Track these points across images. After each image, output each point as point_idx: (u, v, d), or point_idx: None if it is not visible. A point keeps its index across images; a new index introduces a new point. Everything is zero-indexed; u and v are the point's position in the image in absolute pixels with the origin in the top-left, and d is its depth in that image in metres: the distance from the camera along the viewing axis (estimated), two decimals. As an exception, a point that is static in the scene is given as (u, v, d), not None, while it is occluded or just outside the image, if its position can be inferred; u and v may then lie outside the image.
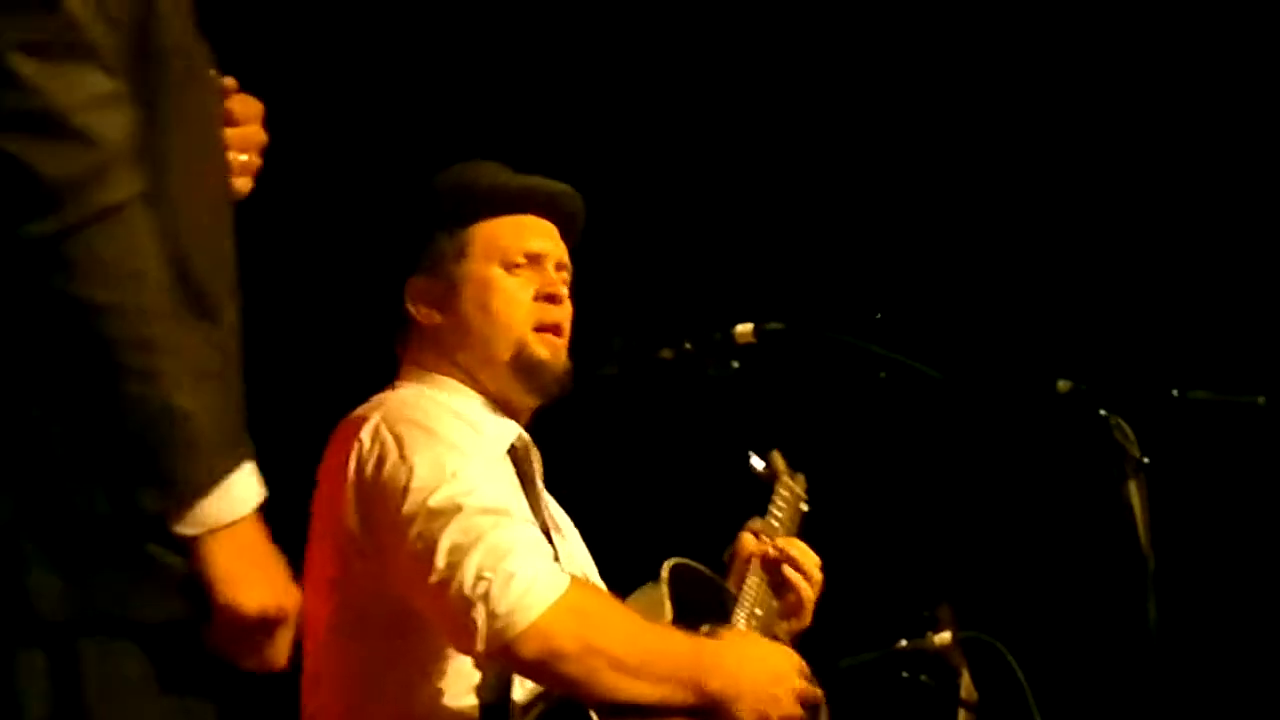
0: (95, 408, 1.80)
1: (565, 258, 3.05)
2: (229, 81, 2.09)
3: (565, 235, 3.07)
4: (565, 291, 3.02)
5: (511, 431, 2.97)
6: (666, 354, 3.07)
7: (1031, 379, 3.02)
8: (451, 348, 2.97)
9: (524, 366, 2.96)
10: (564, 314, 3.01)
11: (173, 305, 1.83)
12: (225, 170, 2.04)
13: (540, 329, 2.98)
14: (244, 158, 2.13)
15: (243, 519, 1.85)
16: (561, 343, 2.99)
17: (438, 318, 2.98)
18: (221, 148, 2.03)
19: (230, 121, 2.09)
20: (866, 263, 4.68)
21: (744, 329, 3.06)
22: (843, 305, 4.21)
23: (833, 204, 4.71)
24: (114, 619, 1.82)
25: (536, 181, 3.07)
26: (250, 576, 1.86)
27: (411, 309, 3.01)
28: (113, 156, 1.81)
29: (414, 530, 2.69)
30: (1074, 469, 4.03)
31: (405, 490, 2.72)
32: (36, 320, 1.80)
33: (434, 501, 2.70)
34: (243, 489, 1.86)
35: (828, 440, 4.04)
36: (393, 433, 2.78)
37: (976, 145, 4.69)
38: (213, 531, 1.83)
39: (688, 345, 3.06)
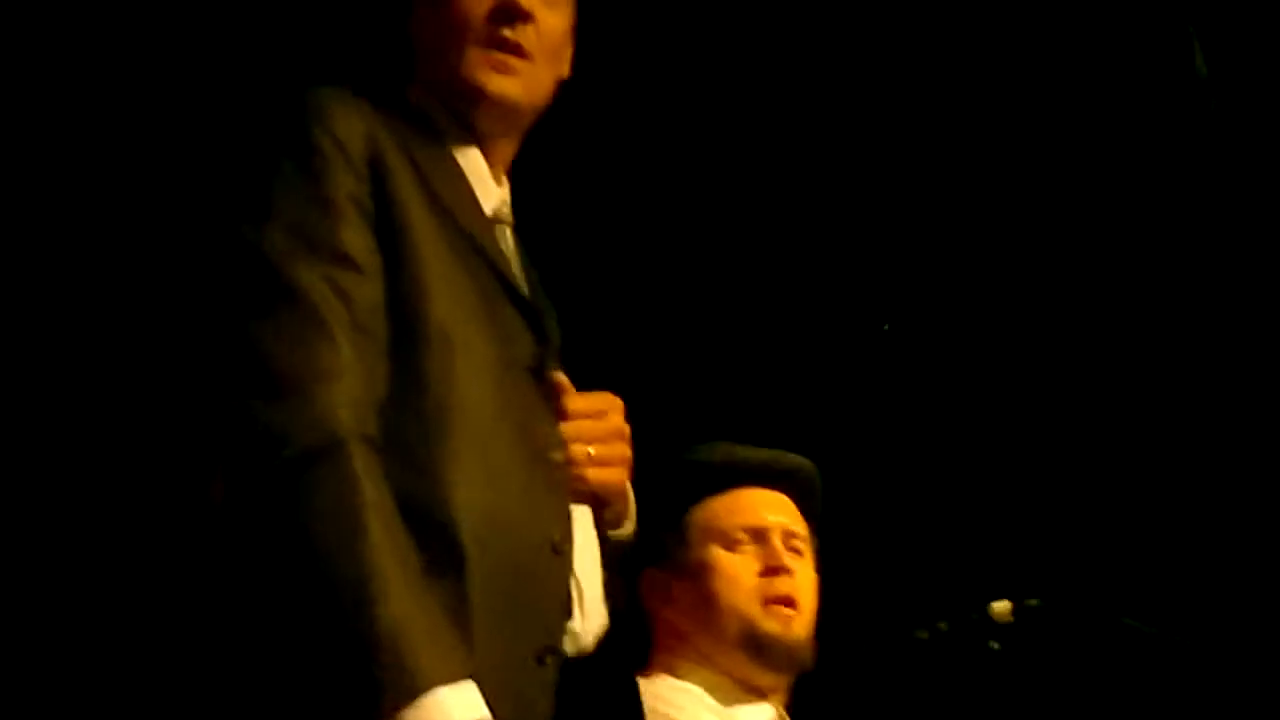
0: (307, 636, 1.87)
1: (796, 525, 2.98)
2: (559, 376, 2.18)
3: (802, 502, 3.00)
4: (798, 561, 2.94)
5: (765, 714, 2.89)
6: (922, 635, 2.98)
7: None
8: (688, 635, 2.93)
9: (755, 644, 2.89)
10: (796, 585, 2.94)
11: (392, 543, 1.88)
12: (520, 443, 2.10)
13: (770, 602, 2.90)
14: (593, 450, 2.18)
15: None
16: (794, 614, 2.91)
17: (670, 609, 2.94)
18: (523, 426, 2.11)
19: (562, 415, 2.16)
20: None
21: (1001, 607, 2.96)
22: (1104, 577, 4.10)
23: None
24: None
25: (748, 454, 3.02)
26: None
27: (647, 603, 2.97)
28: (334, 402, 1.92)
29: None
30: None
31: None
32: (257, 556, 1.89)
33: None
34: (454, 704, 1.86)
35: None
36: None
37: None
38: None
39: (943, 625, 2.97)
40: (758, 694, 2.92)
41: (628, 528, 2.30)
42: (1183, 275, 4.40)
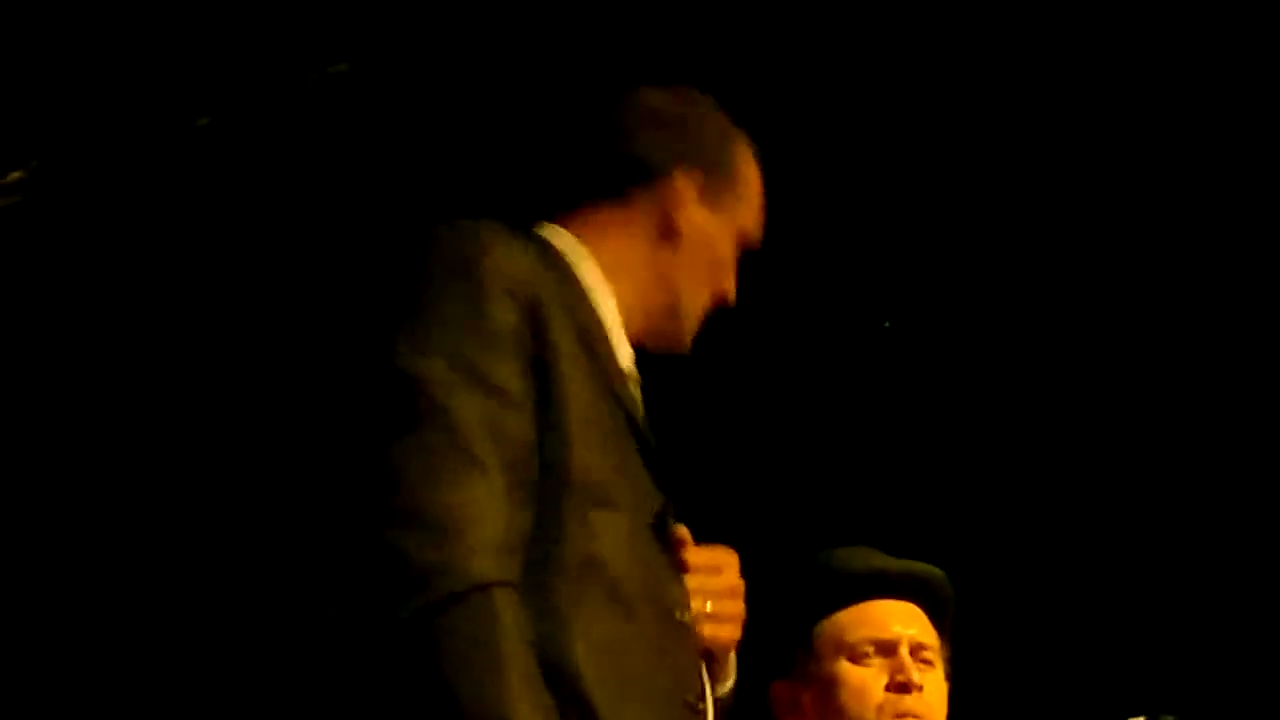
0: None
1: (926, 637, 2.89)
2: (682, 530, 2.14)
3: (933, 613, 2.93)
4: (927, 673, 2.86)
5: None
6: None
7: None
8: None
9: None
10: (923, 703, 2.85)
11: (532, 694, 1.84)
12: (651, 599, 2.05)
13: (896, 717, 2.80)
14: (710, 606, 2.14)
15: None
16: None
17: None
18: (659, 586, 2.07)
19: (683, 569, 2.12)
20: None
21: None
22: (1242, 694, 4.01)
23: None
24: None
25: (880, 563, 2.95)
26: None
27: (777, 715, 2.88)
28: (481, 545, 1.88)
29: None
30: None
31: None
32: (400, 698, 1.85)
33: None
34: None
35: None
36: None
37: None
38: None
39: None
40: None
41: (728, 684, 2.24)
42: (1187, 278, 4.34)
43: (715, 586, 2.15)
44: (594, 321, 2.15)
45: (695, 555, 2.14)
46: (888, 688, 2.82)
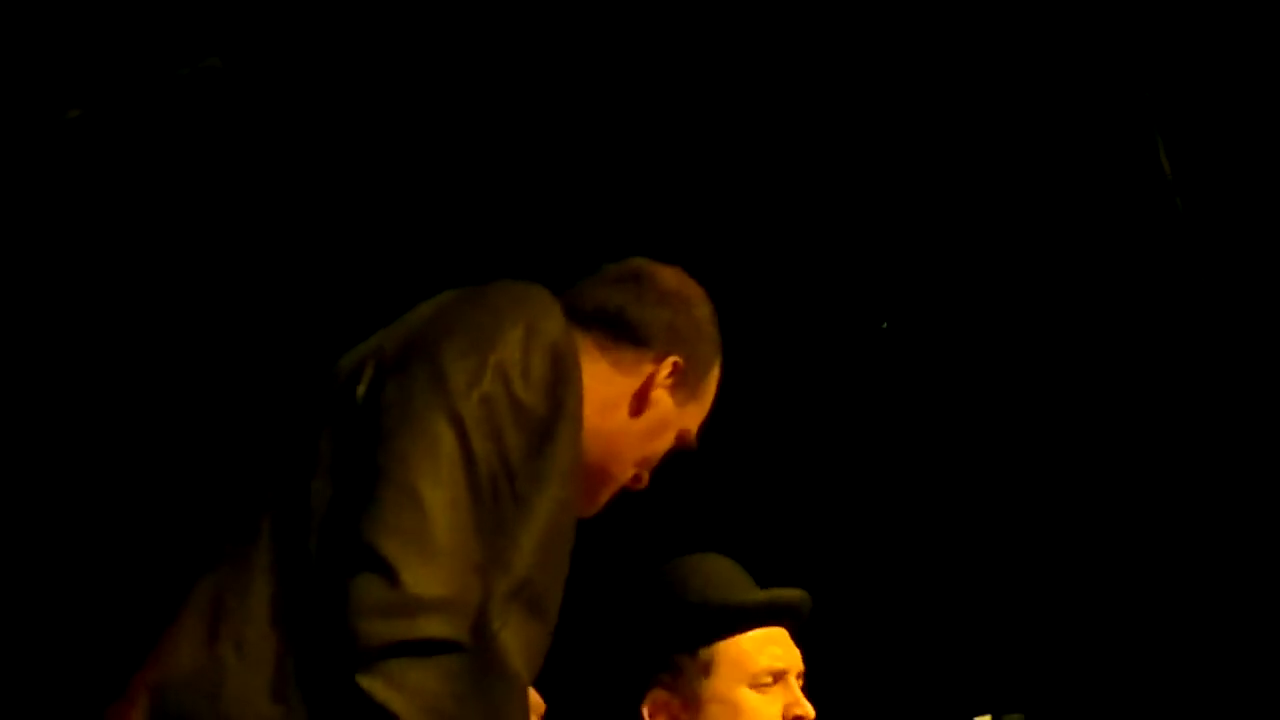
0: None
1: (801, 664, 2.96)
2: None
3: (796, 636, 2.99)
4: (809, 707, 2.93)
5: None
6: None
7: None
8: None
9: None
10: None
11: None
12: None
13: None
14: None
15: None
16: None
17: None
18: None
19: None
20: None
21: (983, 725, 2.95)
22: (1086, 693, 4.09)
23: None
24: None
25: (778, 595, 3.00)
26: None
27: None
28: (461, 600, 1.96)
29: None
30: None
31: None
32: (340, 704, 1.91)
33: None
34: None
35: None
36: None
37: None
38: None
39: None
40: None
41: None
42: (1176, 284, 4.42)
43: None
44: None
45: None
46: (784, 716, 2.87)
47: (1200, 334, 4.38)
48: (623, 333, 2.35)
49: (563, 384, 2.09)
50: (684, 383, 2.37)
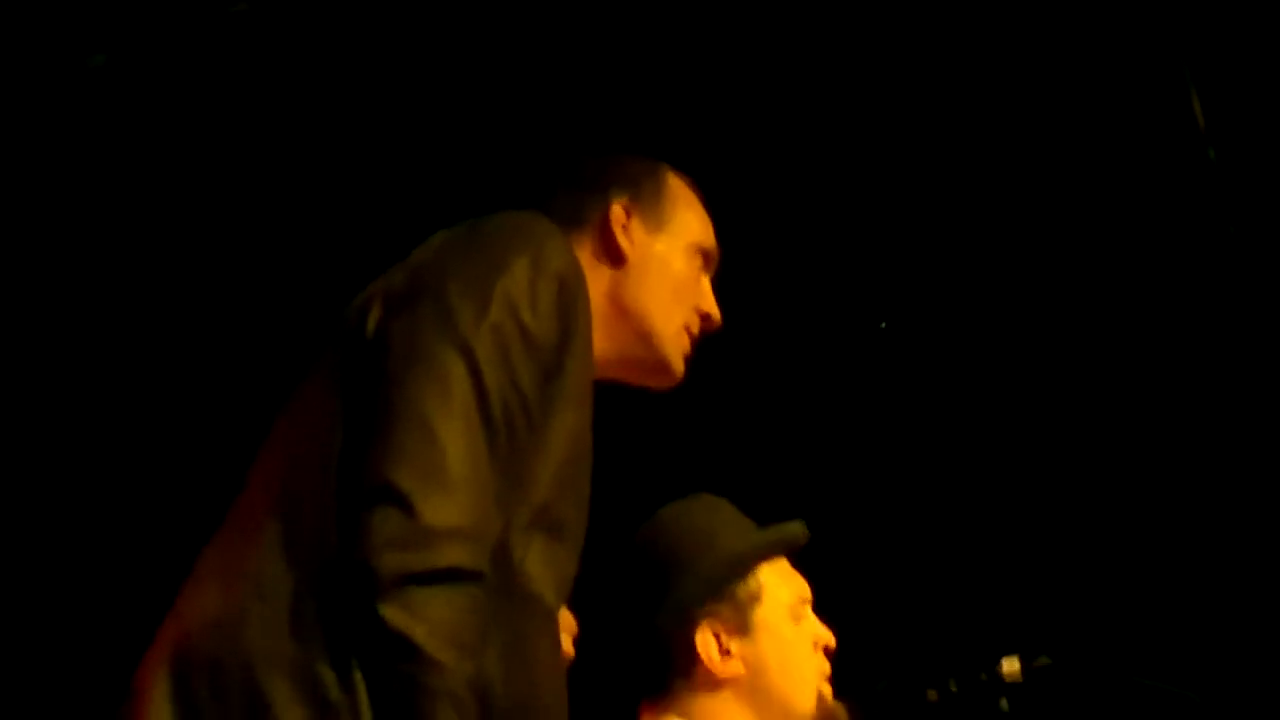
0: None
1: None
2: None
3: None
4: None
5: None
6: (932, 695, 2.97)
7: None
8: (747, 699, 2.88)
9: (815, 716, 2.89)
10: None
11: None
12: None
13: (823, 678, 2.93)
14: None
15: None
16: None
17: (739, 668, 2.89)
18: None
19: None
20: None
21: (1011, 666, 2.95)
22: (1114, 635, 4.09)
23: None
24: None
25: (797, 528, 3.01)
26: None
27: (704, 655, 2.90)
28: (479, 530, 1.98)
29: None
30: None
31: None
32: (367, 638, 1.93)
33: None
34: None
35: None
36: None
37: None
38: None
39: (953, 686, 2.96)
40: None
41: None
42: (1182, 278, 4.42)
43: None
44: None
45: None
46: (815, 647, 2.91)
47: (1228, 285, 4.38)
48: (573, 223, 2.34)
49: (571, 309, 2.10)
50: (641, 211, 2.39)
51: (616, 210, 2.38)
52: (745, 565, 2.91)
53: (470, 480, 1.99)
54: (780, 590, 2.93)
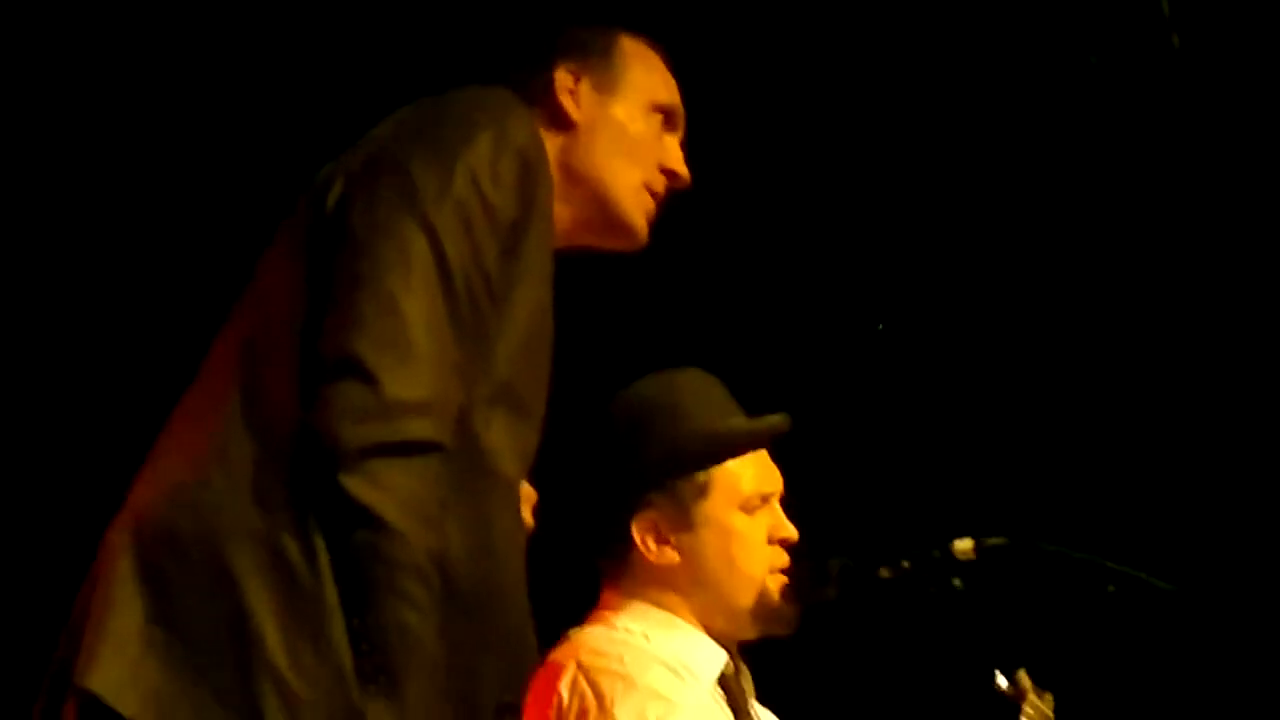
0: (363, 611, 1.94)
1: (782, 486, 3.01)
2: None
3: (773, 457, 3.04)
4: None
5: (720, 659, 2.93)
6: (885, 573, 3.01)
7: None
8: (685, 589, 2.93)
9: (762, 613, 2.93)
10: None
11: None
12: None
13: (776, 570, 2.94)
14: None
15: None
16: (787, 583, 2.94)
17: (674, 557, 2.93)
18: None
19: None
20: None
21: (964, 545, 2.99)
22: (1068, 515, 4.14)
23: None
24: None
25: (770, 421, 3.01)
26: None
27: (640, 541, 2.95)
28: (441, 402, 1.99)
29: None
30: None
31: None
32: (329, 510, 1.95)
33: None
34: None
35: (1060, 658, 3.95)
36: (592, 684, 2.77)
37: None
38: None
39: (906, 564, 3.00)
40: (722, 643, 2.95)
41: None
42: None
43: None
44: None
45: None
46: (770, 540, 2.92)
47: (1193, 170, 4.40)
48: (525, 94, 2.33)
49: (533, 184, 2.11)
50: (589, 74, 2.39)
51: (561, 75, 2.38)
52: (690, 463, 2.92)
53: (432, 353, 2.00)
54: (738, 482, 2.94)
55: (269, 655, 1.96)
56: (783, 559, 2.94)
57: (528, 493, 2.29)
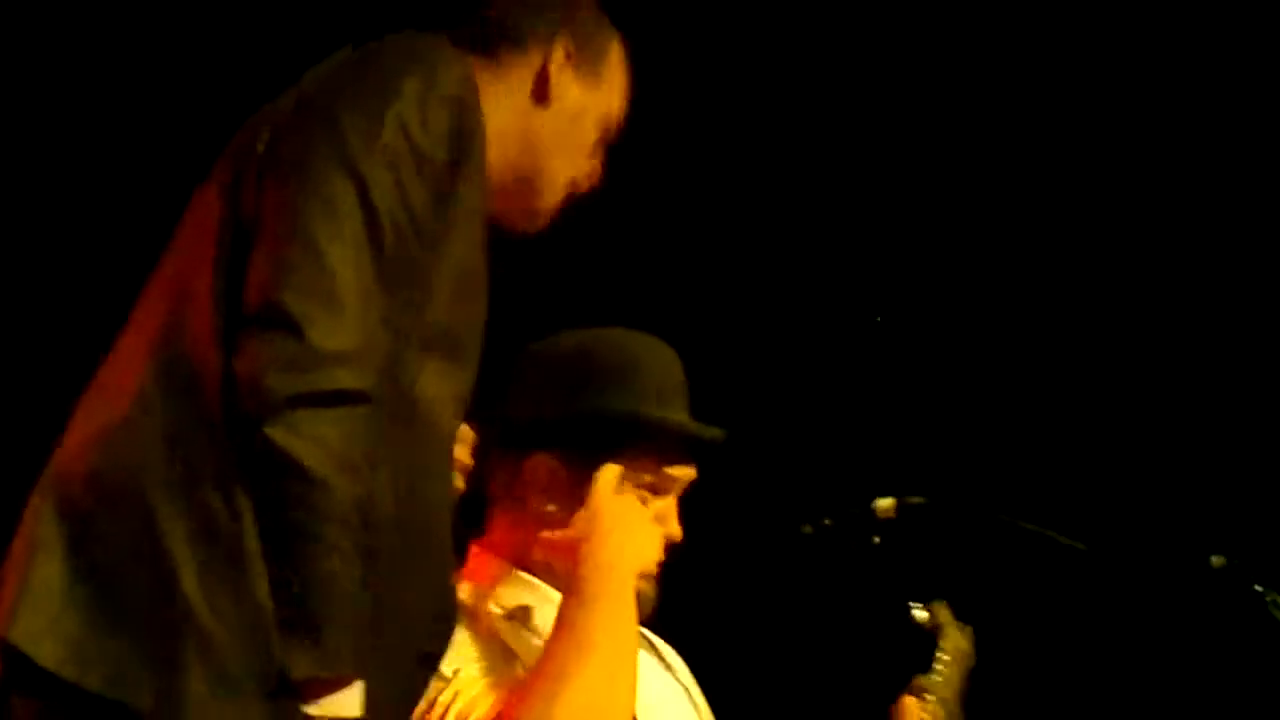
0: (285, 560, 1.94)
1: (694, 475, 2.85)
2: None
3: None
4: None
5: None
6: (806, 529, 3.04)
7: (1183, 553, 2.97)
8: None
9: None
10: None
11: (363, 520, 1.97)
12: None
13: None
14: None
15: None
16: None
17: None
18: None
19: None
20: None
21: (885, 503, 3.02)
22: (988, 477, 4.18)
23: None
24: None
25: (704, 431, 2.80)
26: None
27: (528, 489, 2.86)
28: (368, 352, 1.98)
29: None
30: (1228, 645, 3.96)
31: None
32: (253, 459, 1.94)
33: None
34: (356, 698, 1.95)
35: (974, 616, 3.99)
36: None
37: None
38: None
39: (827, 521, 3.02)
40: None
41: None
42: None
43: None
44: None
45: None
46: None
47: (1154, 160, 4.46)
48: (506, 42, 2.32)
49: (465, 132, 2.10)
50: (581, 62, 2.36)
51: (559, 51, 2.35)
52: (618, 440, 2.72)
53: (358, 302, 1.99)
54: (638, 474, 2.72)
55: (189, 604, 1.95)
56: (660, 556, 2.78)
57: (465, 433, 2.29)
